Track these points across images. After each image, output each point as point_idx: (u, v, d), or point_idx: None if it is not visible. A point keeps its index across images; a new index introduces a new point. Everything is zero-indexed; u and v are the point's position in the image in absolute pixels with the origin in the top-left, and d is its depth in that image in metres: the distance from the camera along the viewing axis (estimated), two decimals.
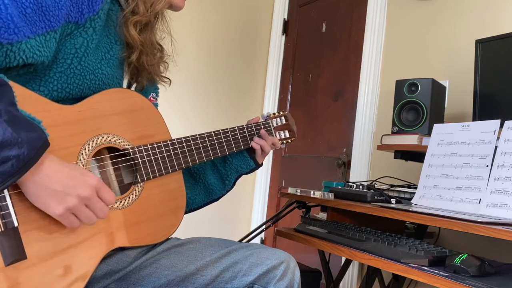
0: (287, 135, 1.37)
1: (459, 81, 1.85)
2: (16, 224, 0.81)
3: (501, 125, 1.26)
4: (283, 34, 3.01)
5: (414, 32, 2.11)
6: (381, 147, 1.71)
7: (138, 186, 1.03)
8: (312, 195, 1.58)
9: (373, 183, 1.68)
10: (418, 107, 1.61)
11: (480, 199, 1.22)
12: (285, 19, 3.01)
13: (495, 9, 1.79)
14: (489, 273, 1.04)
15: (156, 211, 1.06)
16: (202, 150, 1.16)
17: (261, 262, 1.00)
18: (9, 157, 0.74)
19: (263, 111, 2.99)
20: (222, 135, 1.21)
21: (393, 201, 1.42)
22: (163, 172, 1.07)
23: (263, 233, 2.82)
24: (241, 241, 1.50)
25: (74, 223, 0.86)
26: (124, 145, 1.02)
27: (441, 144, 1.40)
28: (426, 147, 1.45)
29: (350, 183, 1.58)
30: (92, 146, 0.96)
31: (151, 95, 1.21)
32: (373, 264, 1.19)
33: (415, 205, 1.37)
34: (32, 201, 0.82)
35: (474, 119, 1.57)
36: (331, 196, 1.53)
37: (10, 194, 0.81)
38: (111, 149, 1.01)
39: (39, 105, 0.88)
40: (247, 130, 1.27)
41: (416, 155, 1.69)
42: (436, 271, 1.05)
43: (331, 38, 2.64)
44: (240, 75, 2.94)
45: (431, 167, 1.40)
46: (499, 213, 1.16)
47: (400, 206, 1.33)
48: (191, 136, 1.15)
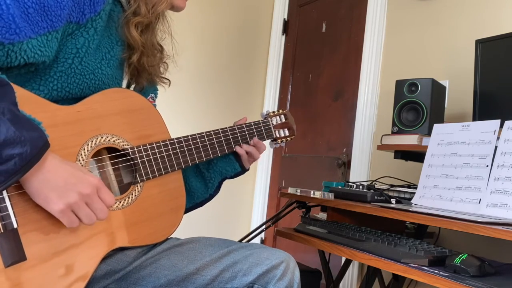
0: (287, 133, 1.36)
1: (459, 81, 1.85)
2: (15, 225, 0.81)
3: (501, 125, 1.26)
4: (283, 34, 3.01)
5: (414, 32, 2.11)
6: (381, 147, 1.71)
7: (137, 186, 1.03)
8: (312, 195, 1.58)
9: (373, 183, 1.68)
10: (418, 107, 1.61)
11: (480, 199, 1.22)
12: (285, 19, 3.01)
13: (495, 9, 1.79)
14: (489, 273, 1.04)
15: (156, 210, 1.06)
16: (201, 149, 1.16)
17: (261, 262, 1.00)
18: (12, 155, 0.75)
19: (263, 110, 2.98)
20: (221, 134, 1.21)
21: (393, 201, 1.42)
22: (163, 172, 1.07)
23: (263, 233, 2.81)
24: (241, 241, 1.50)
25: (73, 221, 0.85)
26: (123, 145, 1.02)
27: (441, 144, 1.40)
28: (426, 147, 1.45)
29: (350, 183, 1.58)
30: (91, 146, 0.96)
31: (150, 96, 1.21)
32: (373, 264, 1.19)
33: (415, 205, 1.37)
34: (33, 197, 0.82)
35: (474, 119, 1.57)
36: (331, 196, 1.52)
37: (9, 195, 0.81)
38: (111, 149, 1.01)
39: (38, 106, 0.88)
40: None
41: (416, 155, 1.69)
42: (436, 271, 1.05)
43: (331, 38, 2.64)
44: (240, 75, 2.93)
45: (431, 167, 1.40)
46: (499, 213, 1.16)
47: (400, 206, 1.33)
48: (191, 135, 1.14)
